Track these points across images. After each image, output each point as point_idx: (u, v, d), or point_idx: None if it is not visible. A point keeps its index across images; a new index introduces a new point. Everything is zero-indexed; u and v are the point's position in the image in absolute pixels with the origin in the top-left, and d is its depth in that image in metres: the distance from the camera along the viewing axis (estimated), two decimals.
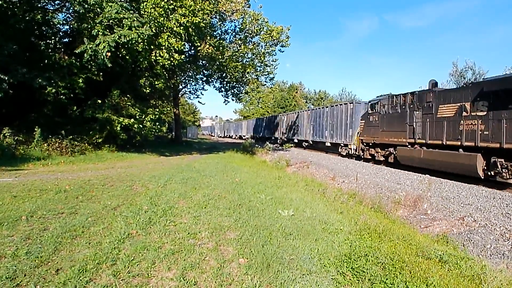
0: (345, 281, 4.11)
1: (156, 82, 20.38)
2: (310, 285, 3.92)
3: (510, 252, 6.74)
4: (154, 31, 16.82)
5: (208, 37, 21.52)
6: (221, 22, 24.72)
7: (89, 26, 15.90)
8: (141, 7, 16.99)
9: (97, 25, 15.40)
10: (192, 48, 23.81)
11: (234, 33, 25.82)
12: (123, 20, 15.50)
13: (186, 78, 32.41)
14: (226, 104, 37.45)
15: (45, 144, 16.19)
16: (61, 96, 17.23)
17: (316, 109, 32.22)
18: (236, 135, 71.85)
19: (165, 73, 20.89)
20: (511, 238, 7.24)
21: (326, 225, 6.35)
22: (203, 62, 25.39)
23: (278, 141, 41.26)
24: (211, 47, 21.16)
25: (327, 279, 4.10)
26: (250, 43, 25.28)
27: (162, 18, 17.15)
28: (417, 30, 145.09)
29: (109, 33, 15.40)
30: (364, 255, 4.85)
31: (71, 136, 17.58)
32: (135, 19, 15.59)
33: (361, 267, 4.43)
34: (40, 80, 15.97)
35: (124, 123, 18.61)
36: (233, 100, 30.93)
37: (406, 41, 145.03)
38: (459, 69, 42.82)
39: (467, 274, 4.72)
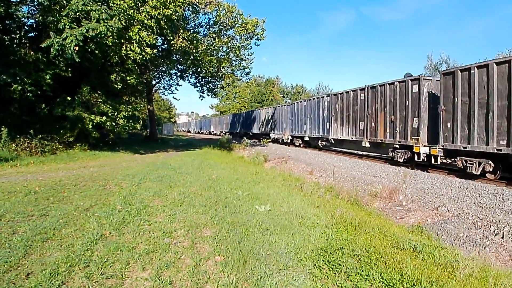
0: (322, 274, 4.14)
1: (128, 78, 19.84)
2: (287, 279, 3.93)
3: (482, 240, 7.01)
4: (123, 24, 16.38)
5: (181, 30, 21.14)
6: (194, 15, 24.24)
7: (55, 19, 15.31)
8: None
9: (64, 18, 14.85)
10: (165, 42, 23.29)
11: (208, 26, 25.37)
12: (91, 13, 15.01)
13: (160, 73, 31.80)
14: (201, 99, 36.75)
15: (13, 145, 15.62)
16: (28, 94, 16.58)
17: None
18: (213, 131, 71.37)
19: (137, 68, 20.37)
20: (483, 227, 7.52)
21: (303, 219, 6.39)
22: (177, 56, 24.91)
23: (257, 136, 40.43)
24: (184, 40, 20.84)
25: (303, 273, 4.13)
26: (225, 36, 24.90)
27: (132, 10, 16.71)
28: (394, 23, 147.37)
29: (76, 27, 14.91)
30: (340, 248, 4.91)
31: (40, 136, 16.99)
32: (103, 12, 15.09)
33: (337, 260, 4.48)
34: (4, 77, 15.37)
35: (96, 121, 18.12)
36: (208, 95, 30.42)
37: (383, 34, 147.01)
38: (434, 62, 43.66)
39: (440, 262, 4.82)
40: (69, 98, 17.86)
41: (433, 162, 13.56)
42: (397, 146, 15.63)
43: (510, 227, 7.20)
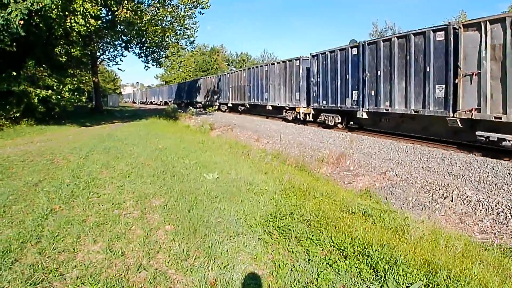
0: (272, 240, 4.19)
1: (72, 50, 19.33)
2: (238, 246, 3.98)
3: (431, 203, 7.22)
4: None
5: (125, 1, 20.35)
6: None
7: None
8: None
9: None
10: (109, 13, 22.42)
11: None
12: None
13: (104, 44, 30.82)
14: (146, 69, 35.80)
15: None
16: None
17: None
18: (159, 101, 69.47)
19: (81, 40, 19.84)
20: (431, 190, 7.70)
21: (251, 186, 6.45)
22: (121, 27, 24.00)
23: (202, 105, 40.33)
24: (128, 11, 20.13)
25: (254, 239, 4.20)
26: (169, 5, 24.34)
27: None
28: None
29: (21, 1, 14.11)
30: (289, 214, 4.95)
31: None
32: None
33: (287, 226, 4.52)
34: None
35: (41, 95, 17.68)
36: (153, 65, 29.96)
37: (327, 1, 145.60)
38: (379, 29, 44.28)
39: (390, 226, 4.94)
40: (14, 73, 17.22)
41: None
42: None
43: (459, 191, 7.27)
